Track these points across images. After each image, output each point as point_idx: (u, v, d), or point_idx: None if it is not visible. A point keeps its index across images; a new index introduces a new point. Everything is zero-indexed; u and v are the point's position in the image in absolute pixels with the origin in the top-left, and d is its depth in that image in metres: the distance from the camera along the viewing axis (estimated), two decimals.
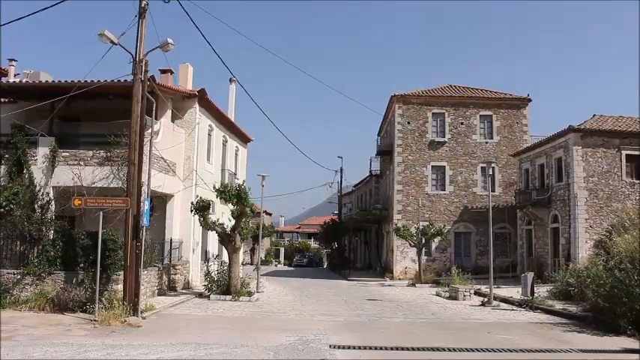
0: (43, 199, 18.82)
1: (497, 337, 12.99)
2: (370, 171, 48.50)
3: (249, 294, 20.53)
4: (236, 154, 31.73)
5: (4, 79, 28.48)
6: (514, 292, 21.67)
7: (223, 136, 28.94)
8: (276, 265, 67.15)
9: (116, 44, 14.77)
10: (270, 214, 76.18)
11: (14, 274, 16.53)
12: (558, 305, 18.27)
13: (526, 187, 32.41)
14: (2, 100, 23.40)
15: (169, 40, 15.12)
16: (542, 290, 20.83)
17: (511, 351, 11.20)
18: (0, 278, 16.42)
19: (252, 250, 58.97)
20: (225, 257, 22.64)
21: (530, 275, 19.40)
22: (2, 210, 15.61)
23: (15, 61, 29.98)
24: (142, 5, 15.04)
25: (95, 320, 13.57)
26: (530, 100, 37.36)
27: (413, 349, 11.27)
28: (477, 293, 22.47)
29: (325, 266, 65.32)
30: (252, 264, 51.86)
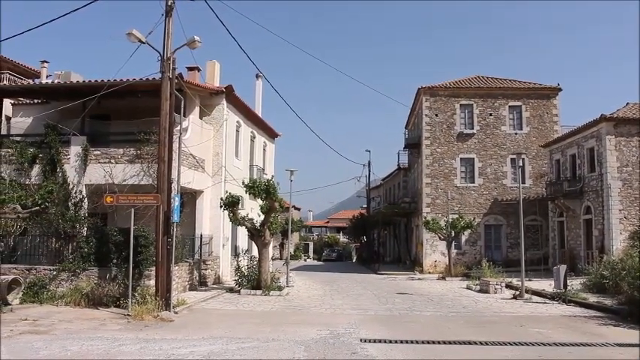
0: (77, 196, 19.19)
1: (530, 330, 12.83)
2: (398, 164, 48.32)
3: (280, 288, 20.64)
4: (264, 150, 31.88)
5: (37, 81, 29.15)
6: (546, 284, 21.36)
7: (251, 132, 29.10)
8: (305, 260, 67.36)
9: (144, 43, 14.91)
10: (298, 209, 76.37)
11: (50, 271, 16.95)
12: (592, 298, 17.95)
13: (557, 179, 31.87)
14: (35, 100, 23.95)
15: (196, 38, 15.21)
16: (575, 283, 20.50)
17: (544, 345, 11.02)
18: (37, 274, 16.85)
19: (282, 245, 59.32)
20: (255, 252, 22.80)
21: (563, 268, 19.11)
22: (38, 208, 15.95)
23: (47, 62, 30.69)
24: (169, 4, 15.16)
25: (129, 315, 13.79)
26: (560, 90, 36.68)
27: (444, 342, 11.20)
28: (509, 286, 22.20)
29: (354, 260, 65.36)
30: (281, 259, 52.14)
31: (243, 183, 21.49)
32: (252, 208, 25.82)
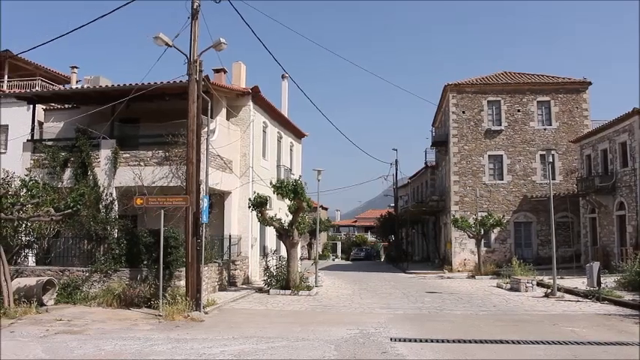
0: (107, 199, 19.49)
1: (563, 329, 12.62)
2: (425, 162, 47.99)
3: (308, 288, 20.66)
4: (291, 150, 31.96)
5: (67, 86, 29.70)
6: (579, 282, 20.99)
7: (278, 133, 29.19)
8: (333, 260, 67.33)
9: (171, 46, 15.08)
10: (326, 209, 76.41)
11: (83, 272, 17.26)
12: (627, 296, 17.58)
13: (588, 174, 31.28)
14: (66, 105, 24.40)
15: (222, 40, 15.30)
16: (609, 280, 20.11)
17: (579, 344, 10.82)
18: (71, 275, 17.17)
19: (310, 245, 59.38)
20: (283, 252, 22.87)
21: (596, 265, 18.75)
22: (70, 211, 16.24)
23: (77, 68, 31.26)
24: (194, 7, 15.29)
25: (160, 315, 13.95)
26: (590, 84, 35.96)
27: (475, 341, 11.07)
28: (540, 284, 21.87)
29: (382, 259, 65.09)
30: (309, 259, 52.23)
31: (270, 183, 21.57)
32: (279, 209, 25.90)
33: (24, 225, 17.48)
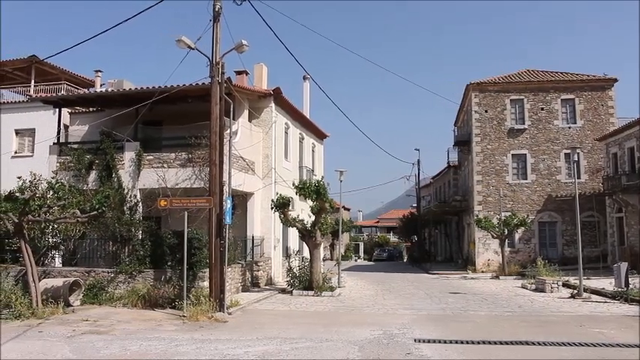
0: (131, 201, 19.71)
1: (590, 330, 12.41)
2: (448, 162, 47.71)
3: (331, 289, 20.64)
4: (313, 151, 31.97)
5: (91, 90, 30.10)
6: (606, 283, 20.65)
7: (300, 134, 29.23)
8: (355, 260, 67.20)
9: (193, 49, 15.18)
10: (348, 209, 76.23)
11: (108, 273, 17.48)
12: None
13: (615, 173, 30.76)
14: (91, 109, 24.73)
15: (244, 42, 15.36)
16: (637, 281, 19.68)
17: (606, 346, 10.62)
18: (96, 276, 17.39)
19: (332, 246, 59.32)
20: (306, 253, 22.88)
21: (624, 265, 18.42)
22: (95, 212, 16.45)
23: (101, 72, 31.64)
24: (216, 9, 15.37)
25: (184, 316, 14.05)
26: (615, 80, 35.37)
27: (500, 343, 10.95)
28: (566, 285, 21.57)
29: (405, 260, 64.78)
30: (332, 259, 52.19)
31: (293, 184, 21.60)
32: (302, 209, 25.93)
33: (51, 227, 17.80)
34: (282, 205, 20.90)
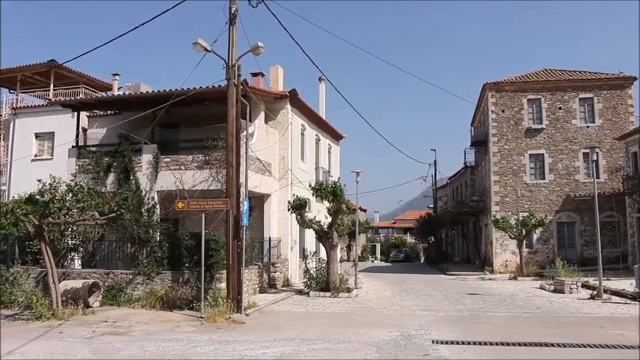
0: (149, 203, 19.85)
1: (611, 332, 12.26)
2: (465, 162, 47.43)
3: (348, 290, 20.62)
4: (329, 152, 31.97)
5: (109, 93, 30.40)
6: (626, 284, 20.39)
7: (316, 135, 29.25)
8: (372, 261, 67.04)
9: (210, 51, 15.27)
10: (364, 210, 76.10)
11: (127, 274, 17.61)
12: None
13: (635, 172, 30.36)
14: (109, 112, 24.99)
15: (260, 44, 15.41)
16: None
17: (628, 347, 10.48)
18: (115, 278, 17.54)
19: (349, 247, 59.26)
20: (323, 254, 22.88)
21: None
22: (114, 215, 16.61)
23: (118, 75, 31.96)
24: (232, 12, 15.44)
25: (202, 317, 14.12)
26: (635, 79, 34.89)
27: (519, 344, 10.85)
28: (585, 286, 21.33)
29: (422, 261, 64.51)
30: (348, 260, 52.11)
31: (309, 186, 21.62)
32: (318, 211, 25.94)
33: (70, 229, 18.00)
34: (298, 207, 20.93)
